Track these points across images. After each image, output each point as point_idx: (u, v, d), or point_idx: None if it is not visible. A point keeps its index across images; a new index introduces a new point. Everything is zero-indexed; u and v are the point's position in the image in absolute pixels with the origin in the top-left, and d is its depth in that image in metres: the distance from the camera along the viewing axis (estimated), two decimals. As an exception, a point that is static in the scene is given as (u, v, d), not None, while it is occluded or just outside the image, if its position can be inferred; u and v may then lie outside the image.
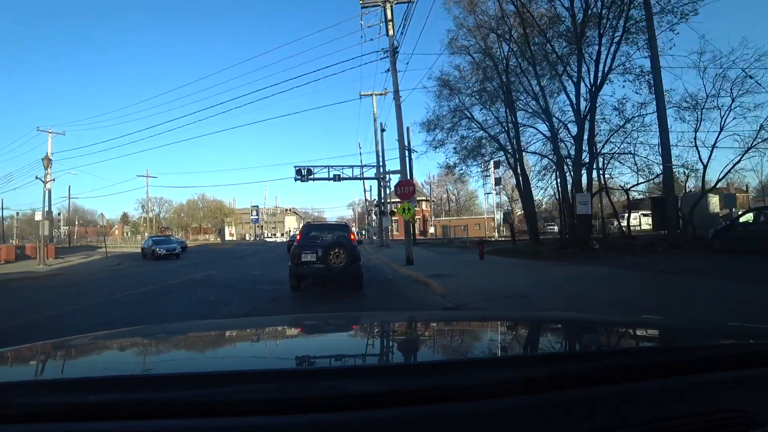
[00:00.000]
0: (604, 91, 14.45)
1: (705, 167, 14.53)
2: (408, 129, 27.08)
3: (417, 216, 29.30)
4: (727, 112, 14.14)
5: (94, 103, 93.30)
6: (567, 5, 14.49)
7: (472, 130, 19.23)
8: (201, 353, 1.29)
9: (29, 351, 1.24)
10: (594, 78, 13.83)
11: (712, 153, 14.43)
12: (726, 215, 16.51)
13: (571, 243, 14.67)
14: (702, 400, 0.78)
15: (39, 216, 19.81)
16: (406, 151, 15.44)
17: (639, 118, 14.86)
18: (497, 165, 32.33)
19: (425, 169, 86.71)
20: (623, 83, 14.80)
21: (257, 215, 63.94)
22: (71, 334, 1.70)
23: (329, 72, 29.01)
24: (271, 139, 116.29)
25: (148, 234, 39.76)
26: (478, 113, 18.87)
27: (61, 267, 19.12)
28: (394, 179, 32.23)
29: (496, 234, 43.91)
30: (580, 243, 14.22)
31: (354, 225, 55.16)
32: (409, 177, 16.24)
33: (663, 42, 13.98)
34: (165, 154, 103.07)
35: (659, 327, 1.49)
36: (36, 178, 19.43)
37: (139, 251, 26.51)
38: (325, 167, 27.13)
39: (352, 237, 9.66)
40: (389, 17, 14.86)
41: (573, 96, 14.81)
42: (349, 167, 28.07)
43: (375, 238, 36.55)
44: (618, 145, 15.10)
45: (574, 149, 15.46)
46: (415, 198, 16.23)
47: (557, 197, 16.09)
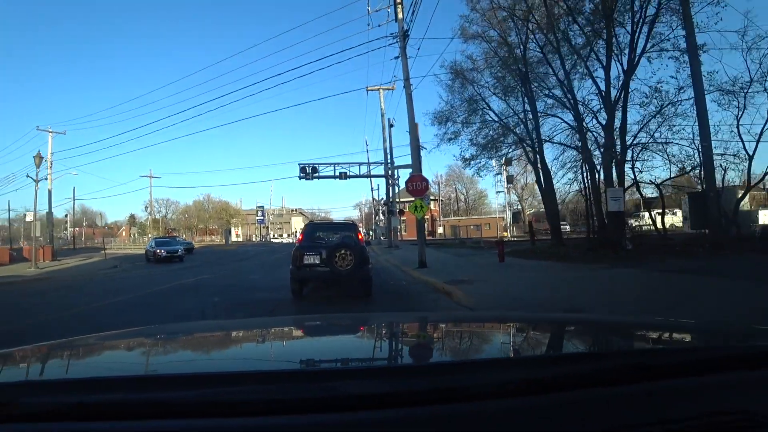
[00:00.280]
0: (634, 77, 13.03)
1: (751, 159, 13.08)
2: (416, 125, 25.91)
3: (426, 215, 27.96)
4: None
5: (94, 102, 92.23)
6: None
7: (486, 123, 17.92)
8: (204, 354, 1.29)
9: (35, 351, 1.23)
10: (629, 59, 12.43)
11: (758, 144, 12.96)
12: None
13: (601, 243, 13.29)
14: (709, 401, 0.76)
15: (30, 217, 18.88)
16: (418, 145, 14.19)
17: (674, 105, 13.36)
18: (509, 162, 30.97)
19: (433, 168, 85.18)
20: (656, 69, 13.36)
21: (263, 216, 63.03)
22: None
23: (335, 60, 27.60)
24: (276, 138, 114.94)
25: (155, 235, 38.93)
26: (494, 104, 17.57)
27: (53, 270, 18.17)
28: (403, 177, 31.11)
29: (507, 234, 42.39)
30: (611, 243, 12.85)
31: (361, 225, 53.92)
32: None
33: (702, 20, 12.57)
34: (169, 154, 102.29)
35: (667, 328, 1.45)
36: (27, 176, 18.52)
37: (144, 253, 25.69)
38: (331, 165, 26.05)
39: (359, 237, 8.64)
40: (398, -1, 13.69)
41: (600, 82, 13.49)
42: (356, 165, 26.98)
43: (383, 238, 35.35)
44: (650, 136, 13.65)
45: (600, 141, 14.13)
46: (429, 194, 14.97)
47: (584, 193, 14.70)
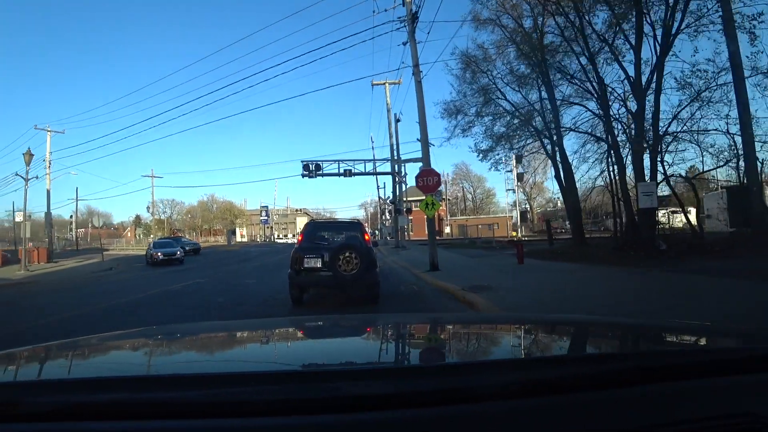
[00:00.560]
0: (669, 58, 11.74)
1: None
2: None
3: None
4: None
5: (92, 99, 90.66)
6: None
7: (500, 114, 16.71)
8: (208, 354, 1.28)
9: (39, 351, 1.23)
10: (663, 36, 11.15)
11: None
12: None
13: (631, 243, 12.06)
14: (713, 404, 0.75)
15: (19, 217, 17.92)
16: (428, 137, 13.04)
17: (710, 91, 12.06)
18: (519, 159, 29.67)
19: (439, 167, 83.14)
20: (691, 52, 12.06)
21: (267, 216, 62.08)
22: None
23: (339, 47, 26.03)
24: (280, 137, 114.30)
25: (159, 236, 38.03)
26: (509, 93, 16.36)
27: (44, 273, 17.30)
28: (410, 173, 29.89)
29: (516, 234, 41.03)
30: (642, 243, 11.63)
31: (367, 225, 52.82)
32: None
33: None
34: (173, 154, 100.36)
35: (675, 330, 1.44)
36: (16, 174, 17.57)
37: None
38: (335, 162, 24.98)
39: (366, 238, 7.56)
40: (407, -23, 12.56)
41: (628, 67, 12.25)
42: (361, 162, 25.84)
43: (389, 238, 34.24)
44: (683, 124, 12.36)
45: (628, 132, 12.89)
46: (441, 191, 13.83)
47: (610, 188, 13.45)
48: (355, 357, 1.14)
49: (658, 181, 11.95)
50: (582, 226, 16.88)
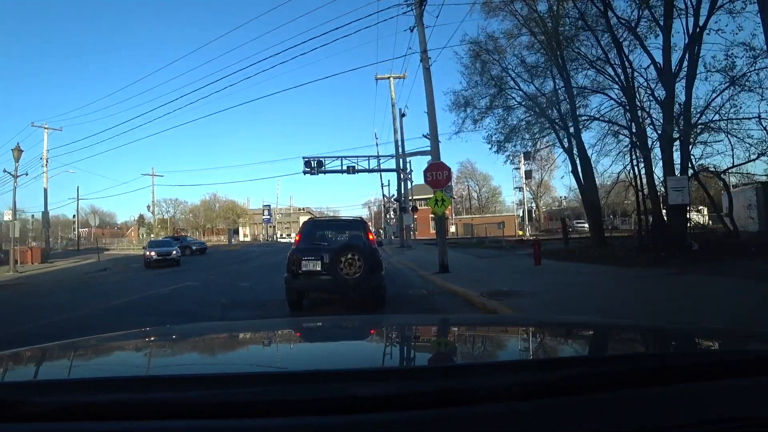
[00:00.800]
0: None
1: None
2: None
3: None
4: None
5: (92, 97, 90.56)
6: None
7: (512, 107, 15.75)
8: (209, 355, 1.27)
9: (42, 351, 1.23)
10: (695, 15, 10.11)
11: None
12: None
13: (659, 243, 11.07)
14: (712, 407, 0.73)
15: (8, 216, 17.09)
16: (437, 128, 12.11)
17: (745, 77, 11.01)
18: (527, 156, 28.65)
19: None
20: (726, 33, 11.01)
21: (269, 215, 61.23)
22: None
23: (342, 33, 24.84)
24: (282, 135, 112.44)
25: (163, 235, 37.20)
26: (522, 83, 15.40)
27: (33, 274, 16.54)
28: (416, 171, 29.06)
29: (522, 233, 39.94)
30: (672, 242, 10.64)
31: (371, 224, 51.96)
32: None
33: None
34: (173, 152, 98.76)
35: (678, 332, 1.39)
36: (4, 171, 16.78)
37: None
38: (338, 158, 24.08)
39: (370, 237, 6.73)
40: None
41: (654, 52, 11.24)
42: (365, 158, 24.88)
43: (394, 237, 33.29)
44: (716, 113, 11.32)
45: (655, 123, 11.88)
46: (450, 186, 12.96)
47: (634, 183, 12.43)
48: (356, 358, 1.14)
49: (689, 176, 10.95)
50: (602, 224, 15.86)
